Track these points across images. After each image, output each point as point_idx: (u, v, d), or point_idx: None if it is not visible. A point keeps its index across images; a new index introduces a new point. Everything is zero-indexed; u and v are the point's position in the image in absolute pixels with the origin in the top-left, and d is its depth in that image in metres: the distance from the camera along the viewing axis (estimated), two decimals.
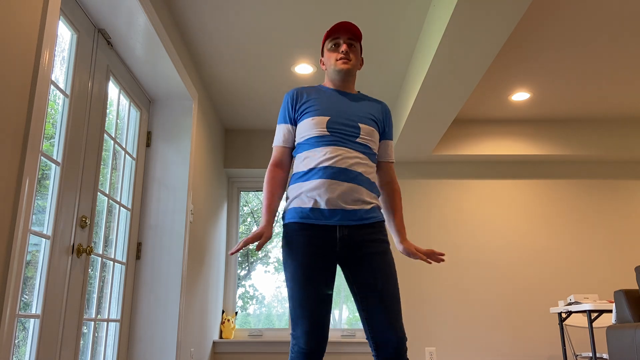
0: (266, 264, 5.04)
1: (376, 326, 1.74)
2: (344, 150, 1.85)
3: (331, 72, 2.00)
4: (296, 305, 1.75)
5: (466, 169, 5.07)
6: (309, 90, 2.00)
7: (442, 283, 4.75)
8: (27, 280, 2.14)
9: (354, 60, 1.99)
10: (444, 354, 4.58)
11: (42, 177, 2.24)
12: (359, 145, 1.88)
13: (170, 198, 3.44)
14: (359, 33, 2.01)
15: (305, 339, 1.71)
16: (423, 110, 3.91)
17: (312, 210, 1.81)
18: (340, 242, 1.80)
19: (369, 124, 1.93)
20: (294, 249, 1.80)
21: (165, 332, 3.23)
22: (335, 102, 1.95)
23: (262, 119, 4.79)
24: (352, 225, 1.81)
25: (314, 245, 1.78)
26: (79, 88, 2.53)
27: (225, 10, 3.21)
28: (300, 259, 1.78)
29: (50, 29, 1.91)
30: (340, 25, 1.98)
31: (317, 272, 1.76)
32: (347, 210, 1.80)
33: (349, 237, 1.80)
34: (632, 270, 4.84)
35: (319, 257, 1.78)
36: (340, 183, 1.80)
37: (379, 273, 1.77)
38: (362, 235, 1.81)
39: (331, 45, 2.01)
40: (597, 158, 5.00)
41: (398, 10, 3.21)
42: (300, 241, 1.79)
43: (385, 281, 1.77)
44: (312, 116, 1.90)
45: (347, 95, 2.00)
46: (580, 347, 4.65)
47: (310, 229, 1.80)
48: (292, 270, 1.78)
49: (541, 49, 3.67)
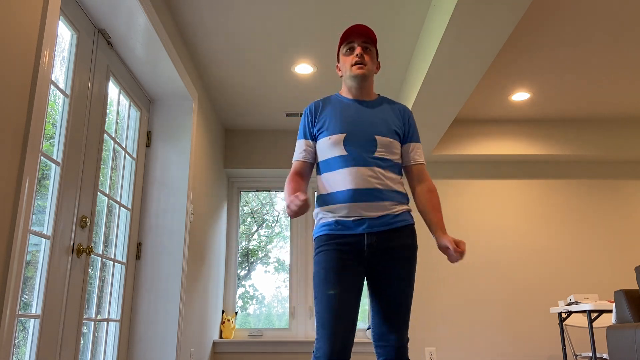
0: (266, 264, 5.05)
1: (382, 329, 1.79)
2: (364, 169, 1.84)
3: (347, 77, 1.98)
4: (322, 309, 1.74)
5: (466, 169, 5.07)
6: (326, 104, 1.99)
7: (442, 283, 4.75)
8: (27, 280, 2.14)
9: (369, 65, 1.96)
10: (444, 354, 4.58)
11: (42, 177, 2.24)
12: (377, 160, 1.86)
13: (170, 198, 3.44)
14: (373, 36, 1.98)
15: (331, 343, 1.69)
16: (423, 110, 3.91)
17: (338, 223, 1.83)
18: (369, 249, 1.81)
19: (387, 134, 1.90)
20: (322, 256, 1.81)
21: (165, 332, 3.23)
22: (351, 115, 1.92)
23: (262, 119, 4.79)
24: (380, 232, 1.82)
25: (342, 251, 1.80)
26: (79, 88, 2.53)
27: (225, 11, 3.21)
28: (328, 264, 1.78)
29: (50, 29, 1.91)
30: (353, 28, 1.95)
31: (345, 278, 1.76)
32: (373, 218, 1.82)
33: (377, 243, 1.81)
34: (632, 270, 4.84)
35: (347, 262, 1.79)
36: (363, 204, 1.82)
37: (397, 280, 1.79)
38: (389, 241, 1.82)
39: (346, 50, 1.99)
40: (597, 158, 5.00)
41: (398, 10, 3.21)
42: (329, 248, 1.81)
43: (401, 289, 1.79)
44: (328, 135, 1.90)
45: (365, 103, 1.97)
46: (580, 347, 4.65)
47: (339, 237, 1.82)
48: (320, 276, 1.79)
49: (541, 49, 3.67)
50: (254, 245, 5.13)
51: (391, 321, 1.78)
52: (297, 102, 4.46)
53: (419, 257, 4.82)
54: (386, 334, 1.78)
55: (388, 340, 1.77)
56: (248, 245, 5.12)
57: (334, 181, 1.86)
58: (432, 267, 4.79)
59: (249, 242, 5.14)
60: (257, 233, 5.18)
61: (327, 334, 1.70)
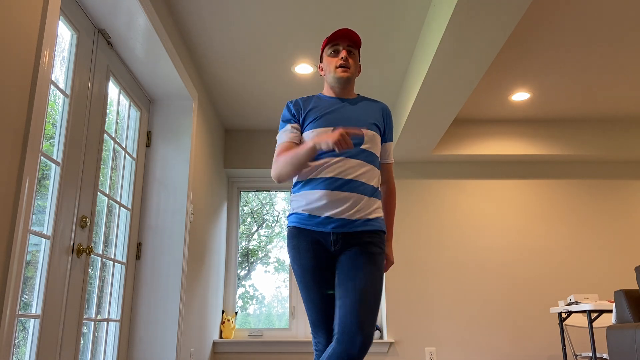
0: (266, 264, 5.05)
1: (343, 322, 1.71)
2: (347, 160, 1.87)
3: (330, 78, 2.03)
4: (309, 308, 1.86)
5: (466, 169, 5.07)
6: (309, 100, 2.03)
7: (442, 283, 4.75)
8: (27, 280, 2.14)
9: (352, 68, 2.02)
10: (444, 354, 4.58)
11: (42, 177, 2.24)
12: (361, 152, 1.90)
13: (170, 198, 3.44)
14: (358, 40, 2.03)
15: (324, 336, 1.83)
16: (423, 110, 3.91)
17: (310, 217, 1.86)
18: (335, 244, 1.85)
19: (371, 128, 1.96)
20: (296, 253, 1.88)
21: (165, 332, 3.23)
22: (336, 111, 1.98)
23: (262, 119, 4.79)
24: (348, 232, 1.85)
25: (313, 249, 1.85)
26: (79, 88, 2.53)
27: (225, 10, 3.21)
28: (303, 263, 1.86)
29: (50, 29, 1.91)
30: (340, 32, 2.00)
31: (321, 274, 1.85)
32: (345, 219, 1.84)
33: (343, 239, 1.84)
34: (632, 270, 4.84)
35: (320, 259, 1.85)
36: (341, 194, 1.84)
37: (362, 273, 1.79)
38: (357, 238, 1.85)
39: (331, 52, 2.04)
40: (597, 158, 5.00)
41: (398, 10, 3.21)
42: (301, 247, 1.87)
43: (365, 282, 1.77)
44: (314, 128, 1.93)
45: (347, 101, 2.03)
46: (580, 347, 4.65)
47: (310, 234, 1.86)
48: (299, 275, 1.88)
49: (541, 49, 3.67)
50: (254, 245, 5.13)
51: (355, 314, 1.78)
52: None
53: (418, 257, 4.82)
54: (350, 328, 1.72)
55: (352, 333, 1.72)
56: (248, 245, 5.12)
57: (316, 168, 1.88)
58: (432, 267, 4.79)
59: (249, 242, 5.14)
60: (257, 233, 5.18)
61: (320, 329, 1.84)
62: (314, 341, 1.87)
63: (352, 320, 1.70)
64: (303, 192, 1.89)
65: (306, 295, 1.85)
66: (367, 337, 1.69)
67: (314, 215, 1.85)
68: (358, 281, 1.76)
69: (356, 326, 1.69)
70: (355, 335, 1.67)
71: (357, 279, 1.77)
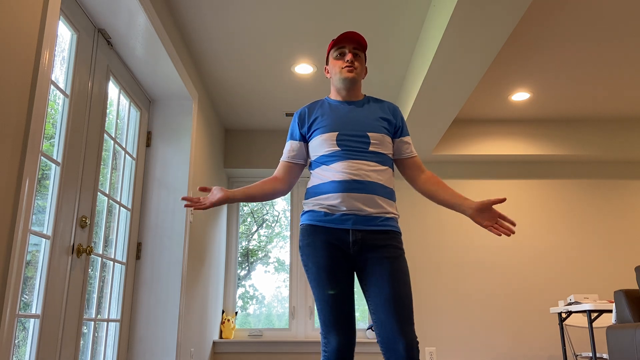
0: (266, 264, 5.05)
1: (385, 331, 1.75)
2: (357, 162, 1.87)
3: (336, 80, 2.03)
4: (322, 307, 1.82)
5: (466, 169, 5.07)
6: (316, 107, 2.04)
7: (442, 283, 4.75)
8: (27, 280, 2.14)
9: (358, 69, 2.02)
10: (444, 354, 4.58)
11: (42, 177, 2.24)
12: (371, 154, 1.90)
13: (170, 198, 3.44)
14: (364, 43, 2.04)
15: (335, 336, 1.79)
16: (423, 110, 3.91)
17: (326, 215, 1.86)
18: (354, 245, 1.84)
19: (379, 130, 1.95)
20: (311, 251, 1.86)
21: (165, 332, 3.23)
22: (342, 115, 1.97)
23: (262, 119, 4.79)
24: (365, 230, 1.84)
25: (329, 247, 1.84)
26: (79, 88, 2.53)
27: (225, 10, 3.21)
28: (318, 261, 1.84)
29: (50, 29, 1.91)
30: (346, 34, 2.01)
31: (336, 273, 1.82)
32: (361, 216, 1.84)
33: (362, 240, 1.83)
34: (632, 270, 4.84)
35: (335, 258, 1.83)
36: (355, 195, 1.84)
37: (390, 277, 1.79)
38: (375, 240, 1.84)
39: (337, 54, 2.05)
40: (597, 158, 5.00)
41: (398, 10, 3.21)
42: (317, 244, 1.85)
43: (396, 286, 1.78)
44: (321, 133, 1.94)
45: (354, 103, 2.03)
46: (580, 347, 4.65)
47: (325, 232, 1.86)
48: (313, 273, 1.85)
49: (541, 49, 3.67)
50: (254, 245, 5.13)
51: (394, 319, 1.77)
52: (297, 102, 4.46)
53: (418, 257, 4.82)
54: (393, 335, 1.74)
55: (395, 341, 1.74)
56: (248, 245, 5.12)
57: (327, 173, 1.90)
58: (432, 268, 4.79)
59: (249, 242, 5.14)
60: (257, 233, 5.18)
61: (332, 329, 1.80)
62: (323, 341, 1.81)
63: (395, 337, 1.72)
64: (318, 191, 1.90)
65: (319, 293, 1.82)
66: (412, 340, 1.73)
67: (330, 213, 1.85)
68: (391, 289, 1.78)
69: (399, 334, 1.73)
70: (398, 343, 1.72)
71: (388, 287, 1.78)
